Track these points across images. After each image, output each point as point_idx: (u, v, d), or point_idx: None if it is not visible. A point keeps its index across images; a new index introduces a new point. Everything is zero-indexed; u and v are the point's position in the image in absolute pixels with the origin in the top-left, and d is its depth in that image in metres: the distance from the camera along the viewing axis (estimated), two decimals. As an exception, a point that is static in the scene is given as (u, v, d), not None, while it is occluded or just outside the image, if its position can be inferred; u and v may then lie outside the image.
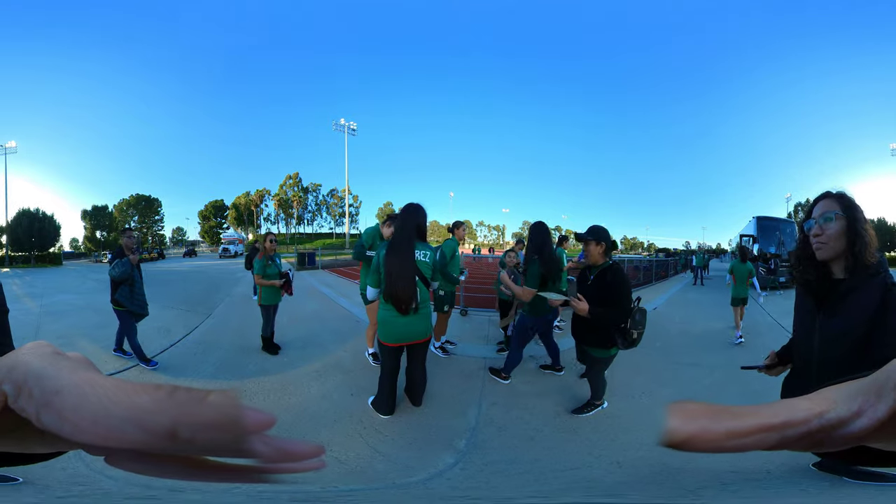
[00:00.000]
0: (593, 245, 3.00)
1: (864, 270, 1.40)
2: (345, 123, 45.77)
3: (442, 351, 4.97)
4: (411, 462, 2.75)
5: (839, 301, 1.44)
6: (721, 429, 0.28)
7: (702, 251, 18.27)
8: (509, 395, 3.80)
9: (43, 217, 41.87)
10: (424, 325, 3.24)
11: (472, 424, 3.23)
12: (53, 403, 0.25)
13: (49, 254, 39.40)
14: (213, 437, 0.24)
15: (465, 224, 5.22)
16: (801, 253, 1.57)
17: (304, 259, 20.03)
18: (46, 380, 0.26)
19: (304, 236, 72.92)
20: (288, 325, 6.22)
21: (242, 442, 0.24)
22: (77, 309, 8.64)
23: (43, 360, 0.28)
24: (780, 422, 0.28)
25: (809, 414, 0.28)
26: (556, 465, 2.72)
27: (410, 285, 3.08)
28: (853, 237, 1.40)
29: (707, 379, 4.44)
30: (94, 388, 0.25)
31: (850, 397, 0.29)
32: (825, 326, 1.48)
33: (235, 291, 11.19)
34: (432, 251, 3.31)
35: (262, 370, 4.40)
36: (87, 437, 0.24)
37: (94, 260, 42.22)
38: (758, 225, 15.98)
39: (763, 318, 8.00)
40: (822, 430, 0.28)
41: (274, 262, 5.01)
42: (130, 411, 0.24)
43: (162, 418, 0.23)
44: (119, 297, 4.51)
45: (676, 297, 11.76)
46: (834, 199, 1.48)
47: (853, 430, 0.27)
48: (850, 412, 0.28)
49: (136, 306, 4.58)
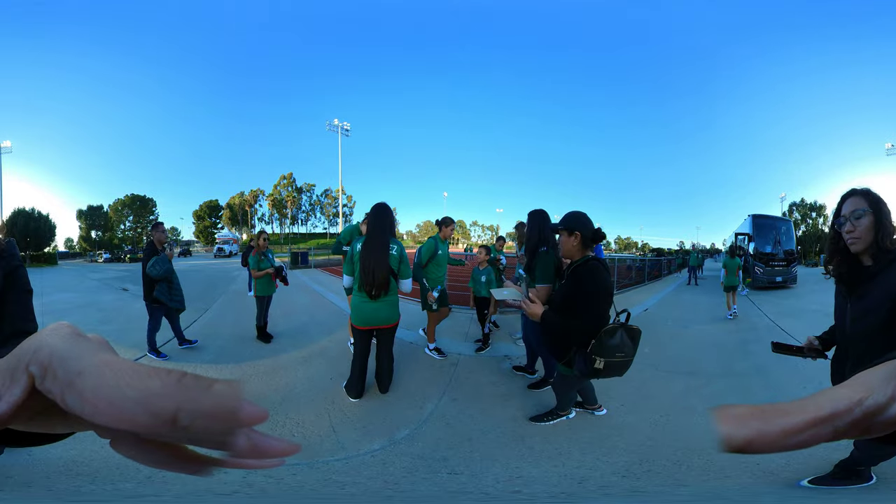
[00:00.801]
0: (565, 235, 2.45)
1: (885, 255, 1.56)
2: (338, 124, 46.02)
3: (438, 353, 4.85)
4: (348, 443, 2.92)
5: (867, 284, 1.60)
6: (776, 429, 0.28)
7: (696, 251, 18.55)
8: (473, 393, 3.87)
9: (38, 217, 41.94)
10: (390, 312, 3.60)
11: (423, 417, 3.35)
12: (76, 384, 0.25)
13: (44, 253, 39.47)
14: (207, 425, 0.24)
15: (457, 222, 5.07)
16: (834, 247, 1.72)
17: (297, 258, 20.60)
18: (70, 361, 0.26)
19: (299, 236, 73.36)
20: (281, 317, 6.85)
21: (230, 434, 0.25)
22: (78, 307, 9.05)
23: (65, 340, 0.28)
24: (828, 413, 0.28)
25: (850, 402, 0.28)
26: (480, 469, 2.58)
27: (385, 273, 3.45)
28: (879, 229, 1.56)
29: (705, 389, 4.05)
30: (112, 370, 0.25)
31: (885, 381, 0.29)
32: (855, 308, 1.64)
33: (232, 288, 11.65)
34: (399, 246, 3.65)
35: (255, 356, 4.97)
36: (102, 419, 0.24)
37: (89, 259, 42.56)
38: (753, 223, 15.65)
39: (760, 319, 8.04)
40: (865, 417, 0.28)
41: (266, 257, 5.61)
42: (142, 394, 0.24)
43: (168, 402, 0.24)
44: (158, 295, 4.54)
45: (669, 297, 11.54)
46: (861, 196, 1.62)
47: (891, 415, 0.27)
48: (886, 397, 0.28)
49: (175, 302, 4.67)
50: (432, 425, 3.22)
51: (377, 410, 3.47)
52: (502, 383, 4.14)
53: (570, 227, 2.42)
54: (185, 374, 0.26)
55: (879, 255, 1.57)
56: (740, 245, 15.85)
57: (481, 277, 5.35)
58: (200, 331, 6.25)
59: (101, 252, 45.03)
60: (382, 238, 3.53)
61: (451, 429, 3.17)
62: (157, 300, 4.59)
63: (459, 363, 4.69)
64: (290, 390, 3.91)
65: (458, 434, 3.08)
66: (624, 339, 2.22)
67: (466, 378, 4.25)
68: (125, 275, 18.84)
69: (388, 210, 3.72)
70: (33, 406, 0.28)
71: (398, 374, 4.04)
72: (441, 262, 4.78)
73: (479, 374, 4.38)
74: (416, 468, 2.64)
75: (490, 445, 2.92)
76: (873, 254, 1.59)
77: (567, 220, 2.46)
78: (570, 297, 2.34)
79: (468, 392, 3.89)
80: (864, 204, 1.60)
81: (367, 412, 3.44)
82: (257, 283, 5.59)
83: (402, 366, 4.35)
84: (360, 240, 3.63)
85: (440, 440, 2.99)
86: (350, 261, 3.66)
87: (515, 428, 3.18)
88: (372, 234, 3.57)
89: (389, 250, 3.53)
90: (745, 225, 16.69)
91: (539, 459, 2.73)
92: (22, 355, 0.28)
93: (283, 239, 67.56)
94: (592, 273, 2.32)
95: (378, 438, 3.00)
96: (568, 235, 2.43)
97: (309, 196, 76.77)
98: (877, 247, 1.57)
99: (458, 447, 2.88)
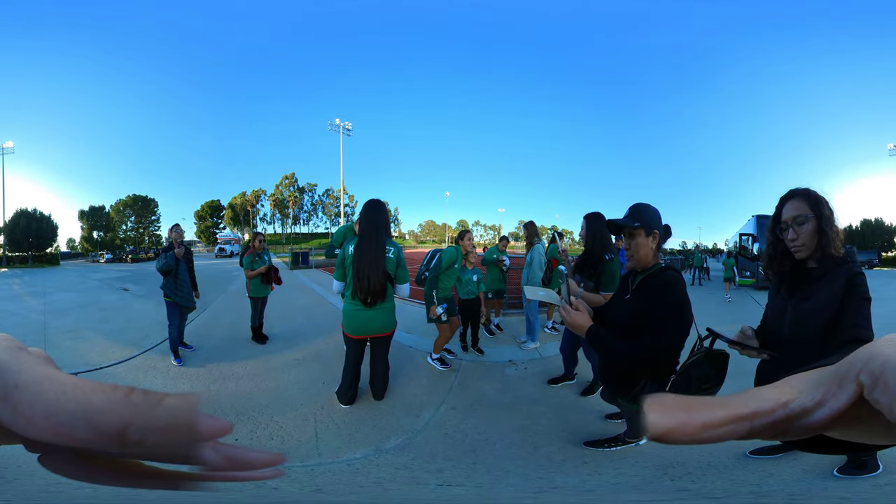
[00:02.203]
0: (642, 236, 1.86)
1: (831, 260, 1.51)
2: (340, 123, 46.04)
3: (441, 363, 4.52)
4: (327, 450, 2.79)
5: (811, 286, 1.54)
6: (697, 421, 0.28)
7: (699, 251, 18.44)
8: (475, 401, 3.65)
9: (40, 217, 42.13)
10: (386, 320, 3.32)
11: (419, 426, 3.17)
12: (11, 397, 0.24)
13: (46, 254, 39.75)
14: (163, 440, 0.24)
15: (458, 222, 5.00)
16: (774, 250, 1.66)
17: (297, 258, 20.57)
18: (6, 373, 0.26)
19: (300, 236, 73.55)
20: (278, 318, 6.76)
21: (193, 448, 0.25)
22: (80, 306, 9.07)
23: (4, 353, 0.27)
24: (750, 412, 0.28)
25: (775, 403, 0.28)
26: (489, 480, 2.46)
27: (381, 279, 3.15)
28: (822, 235, 1.51)
29: None
30: (52, 384, 0.25)
31: (814, 386, 0.29)
32: (797, 309, 1.56)
33: (230, 288, 11.63)
34: (396, 248, 3.33)
35: (248, 356, 4.88)
36: (37, 433, 0.24)
37: (91, 260, 42.63)
38: (758, 224, 15.59)
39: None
40: (787, 419, 0.28)
41: (261, 259, 5.52)
42: (84, 409, 0.24)
43: (113, 419, 0.23)
44: (164, 288, 4.73)
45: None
46: (801, 199, 1.56)
47: (815, 420, 0.27)
48: (813, 401, 0.28)
49: (179, 297, 4.75)
50: (428, 435, 3.04)
51: (369, 418, 3.30)
52: (508, 391, 3.91)
53: (650, 225, 1.85)
54: (133, 389, 0.25)
55: (825, 259, 1.52)
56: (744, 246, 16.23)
57: (472, 277, 4.91)
58: (196, 330, 6.20)
59: (102, 252, 45.10)
60: (376, 238, 3.21)
61: (450, 439, 2.98)
62: (165, 294, 4.74)
63: (461, 369, 4.47)
64: (279, 393, 3.80)
65: (458, 445, 2.89)
66: (709, 369, 1.62)
67: (468, 386, 4.03)
68: (126, 275, 18.91)
69: (382, 206, 3.39)
70: None
71: (395, 380, 3.91)
72: (453, 275, 4.52)
73: (483, 381, 4.15)
74: (394, 478, 2.49)
75: (498, 457, 2.72)
76: (818, 258, 1.53)
77: (644, 216, 1.87)
78: (637, 318, 1.79)
79: (470, 400, 3.67)
80: (805, 207, 1.53)
81: (358, 419, 3.27)
82: (250, 284, 5.50)
83: (400, 372, 4.23)
84: (352, 241, 3.30)
85: (436, 451, 2.80)
86: (341, 264, 3.34)
87: (526, 438, 2.97)
88: (364, 235, 3.24)
89: (386, 252, 3.22)
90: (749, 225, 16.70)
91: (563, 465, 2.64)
92: None
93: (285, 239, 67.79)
94: (672, 288, 1.75)
95: (363, 447, 2.85)
96: (645, 236, 1.85)
97: (311, 196, 76.89)
98: (821, 252, 1.51)
99: (458, 459, 2.70)
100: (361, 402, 3.53)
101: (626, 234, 1.90)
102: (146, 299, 10.00)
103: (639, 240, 1.85)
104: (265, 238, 5.74)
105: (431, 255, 4.57)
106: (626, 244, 1.90)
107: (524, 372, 4.39)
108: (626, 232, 1.89)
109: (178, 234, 4.85)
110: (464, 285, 4.87)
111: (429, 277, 4.29)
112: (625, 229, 1.89)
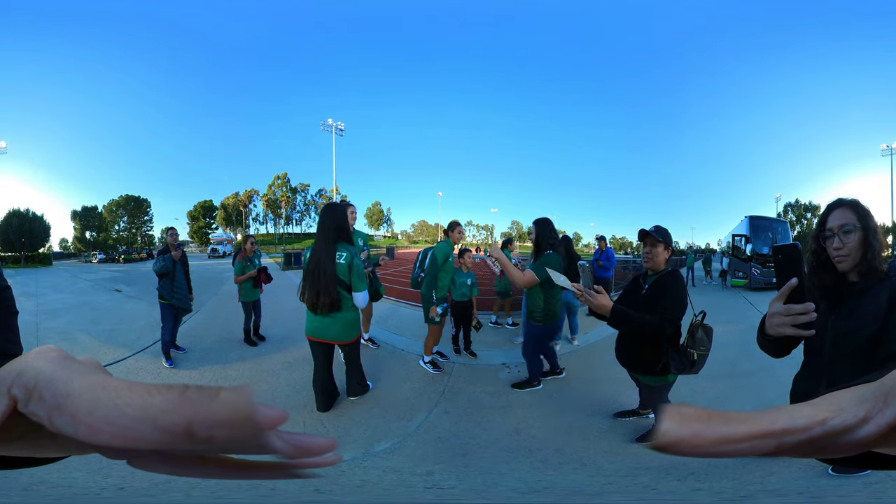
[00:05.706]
0: (661, 248, 2.62)
1: (874, 275, 1.45)
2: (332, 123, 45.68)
3: (433, 366, 4.44)
4: None
5: (853, 301, 1.47)
6: (712, 434, 0.28)
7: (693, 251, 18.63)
8: (468, 405, 3.64)
9: (33, 217, 41.67)
10: (342, 331, 3.18)
11: (410, 430, 3.15)
12: (66, 406, 0.25)
13: (39, 254, 39.28)
14: (230, 434, 0.24)
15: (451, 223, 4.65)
16: (817, 261, 1.59)
17: (290, 259, 20.50)
18: (57, 383, 0.26)
19: (293, 236, 73.24)
20: (270, 321, 6.68)
21: (260, 438, 0.25)
22: (72, 307, 9.02)
23: (53, 363, 0.28)
24: (780, 429, 0.28)
25: (811, 421, 0.28)
26: (483, 484, 2.47)
27: (326, 287, 3.02)
28: (868, 247, 1.45)
29: (710, 391, 3.94)
30: (106, 391, 0.25)
31: (857, 403, 0.28)
32: (837, 326, 1.50)
33: (223, 289, 11.56)
34: (349, 252, 3.11)
35: (240, 359, 4.89)
36: (103, 439, 0.24)
37: (83, 260, 42.18)
38: (750, 224, 15.76)
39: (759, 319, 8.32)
40: (826, 436, 0.27)
41: (252, 263, 5.50)
42: (145, 411, 0.24)
43: (176, 417, 0.24)
44: (160, 290, 4.74)
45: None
46: (848, 209, 1.49)
47: (860, 437, 0.27)
48: (857, 418, 0.27)
49: (175, 300, 4.74)
50: (419, 439, 3.04)
51: (359, 422, 3.29)
52: (501, 394, 3.91)
53: (667, 242, 2.65)
54: (188, 386, 0.25)
55: (868, 272, 1.47)
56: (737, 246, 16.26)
57: (466, 280, 4.88)
58: (188, 332, 6.16)
59: (95, 252, 44.71)
60: (325, 245, 3.08)
61: (442, 443, 2.97)
62: (161, 296, 4.73)
63: (454, 373, 4.47)
64: (268, 396, 3.81)
65: (450, 448, 2.89)
66: (708, 335, 2.45)
67: (461, 389, 4.02)
68: (119, 275, 18.73)
69: (336, 209, 3.22)
70: (14, 429, 0.28)
71: (386, 383, 3.92)
72: (449, 270, 4.41)
73: (476, 384, 4.15)
74: (381, 481, 2.49)
75: (492, 460, 2.73)
76: (862, 271, 1.48)
77: (664, 234, 2.65)
78: (651, 305, 2.49)
79: (463, 404, 3.67)
80: (853, 218, 1.47)
81: (348, 423, 3.27)
82: (241, 288, 5.46)
83: (391, 375, 4.24)
84: (310, 247, 3.22)
85: (427, 454, 2.80)
86: None
87: (521, 441, 2.97)
88: (316, 241, 3.14)
89: (336, 258, 3.07)
90: (741, 226, 16.81)
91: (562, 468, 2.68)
92: (3, 378, 0.28)
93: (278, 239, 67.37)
94: (676, 282, 2.58)
95: (350, 450, 2.83)
96: (664, 249, 2.65)
97: (304, 196, 76.61)
98: (866, 265, 1.46)
99: (448, 462, 2.70)
100: (353, 406, 3.54)
101: (647, 243, 2.65)
102: (138, 300, 9.94)
103: (658, 249, 2.62)
104: (256, 241, 5.72)
105: (423, 254, 4.52)
106: (647, 250, 2.66)
107: (518, 375, 4.38)
108: (649, 241, 2.63)
109: (173, 238, 4.86)
110: (457, 288, 4.85)
111: (426, 277, 4.21)
112: (648, 237, 2.62)
